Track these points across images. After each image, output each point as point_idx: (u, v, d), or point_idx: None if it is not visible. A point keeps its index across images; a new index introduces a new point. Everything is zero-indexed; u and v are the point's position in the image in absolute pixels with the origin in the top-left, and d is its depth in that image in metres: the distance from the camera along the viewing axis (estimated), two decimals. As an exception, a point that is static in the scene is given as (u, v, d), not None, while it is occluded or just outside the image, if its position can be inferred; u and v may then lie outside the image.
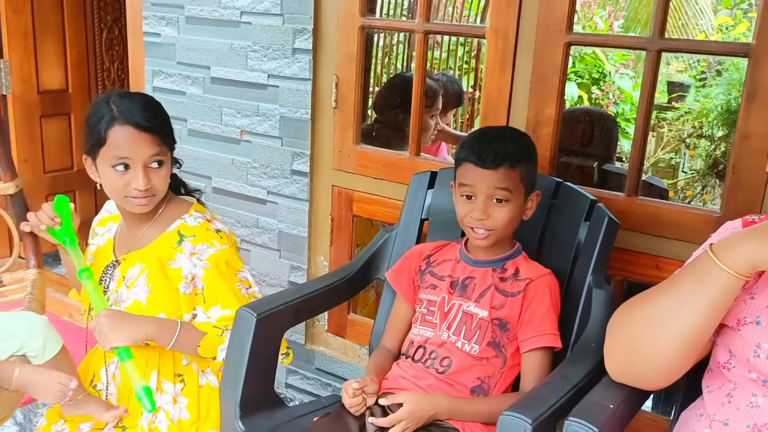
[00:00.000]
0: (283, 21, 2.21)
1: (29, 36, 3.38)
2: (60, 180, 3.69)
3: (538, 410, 1.16)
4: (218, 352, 1.51)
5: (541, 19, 1.80)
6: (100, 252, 1.67)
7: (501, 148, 1.46)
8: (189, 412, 1.59)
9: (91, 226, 1.74)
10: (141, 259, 1.56)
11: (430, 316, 1.56)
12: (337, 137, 2.23)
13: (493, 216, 1.47)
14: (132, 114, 1.46)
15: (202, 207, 1.65)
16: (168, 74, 2.53)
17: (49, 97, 3.55)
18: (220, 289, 1.52)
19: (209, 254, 1.52)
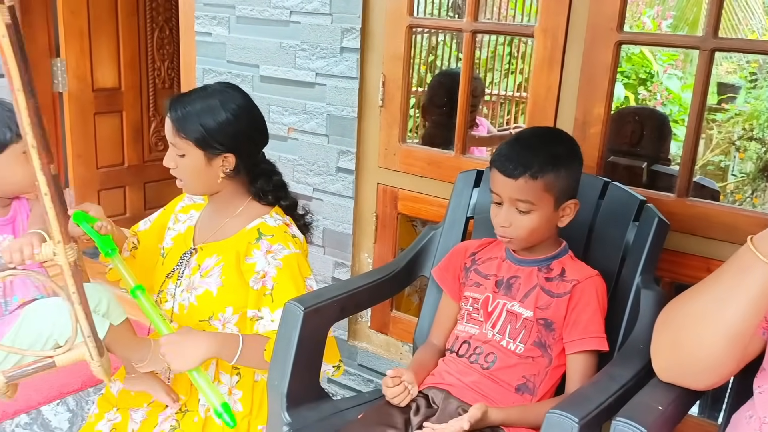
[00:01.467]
0: (331, 20, 2.24)
1: (85, 36, 3.49)
2: (111, 176, 3.80)
3: (585, 409, 1.16)
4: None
5: (592, 18, 1.79)
6: (179, 238, 1.73)
7: (525, 158, 1.43)
8: (242, 405, 1.63)
9: (174, 212, 1.80)
10: (218, 251, 1.61)
11: (475, 314, 1.57)
12: (383, 135, 2.25)
13: (514, 224, 1.46)
14: (170, 102, 1.58)
15: (282, 212, 1.68)
16: (218, 73, 2.58)
17: (102, 95, 3.66)
18: (288, 290, 1.56)
19: (284, 255, 1.57)
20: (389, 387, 1.49)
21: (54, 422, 2.43)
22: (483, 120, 3.17)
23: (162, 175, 3.81)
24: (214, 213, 1.68)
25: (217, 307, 1.59)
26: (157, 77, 3.90)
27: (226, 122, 1.55)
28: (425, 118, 2.86)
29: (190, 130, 1.54)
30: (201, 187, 1.63)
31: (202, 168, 1.57)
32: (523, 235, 1.47)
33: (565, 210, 1.49)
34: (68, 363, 1.31)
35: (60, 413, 2.47)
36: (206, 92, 1.59)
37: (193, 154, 1.56)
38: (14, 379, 1.30)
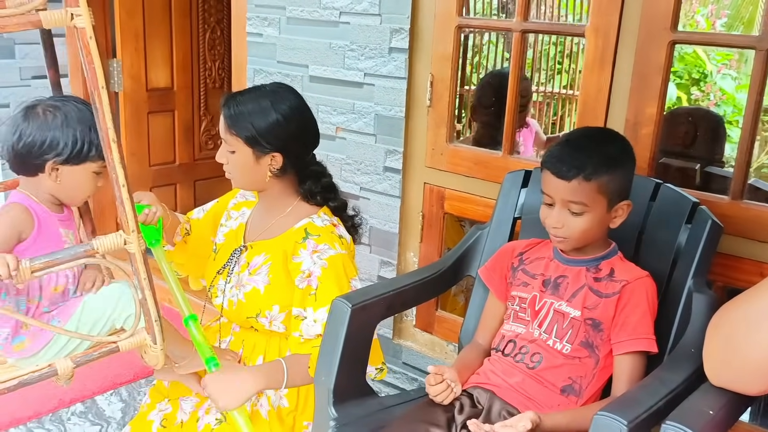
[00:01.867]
0: (380, 21, 2.26)
1: (140, 37, 3.58)
2: (163, 173, 3.90)
3: (634, 412, 1.15)
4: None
5: (645, 17, 1.77)
6: (231, 235, 1.77)
7: (578, 159, 1.42)
8: (288, 401, 1.65)
9: (227, 208, 1.84)
10: (267, 250, 1.65)
11: (522, 314, 1.57)
12: (431, 135, 2.26)
13: (567, 225, 1.45)
14: (224, 100, 1.62)
15: (330, 212, 1.71)
16: (268, 73, 2.63)
17: (156, 94, 3.75)
18: (332, 291, 1.58)
19: (329, 255, 1.59)
20: (432, 385, 1.50)
21: (108, 411, 2.51)
22: (532, 121, 3.16)
23: (212, 173, 3.89)
24: (265, 212, 1.72)
25: (264, 305, 1.63)
26: (208, 77, 3.98)
27: (276, 123, 1.58)
28: (473, 118, 2.87)
29: (240, 128, 1.58)
30: (249, 184, 1.67)
31: (251, 165, 1.60)
32: (575, 236, 1.46)
33: (617, 211, 1.47)
34: (130, 348, 1.37)
35: (113, 403, 2.55)
36: (260, 92, 1.62)
37: (242, 151, 1.59)
38: (81, 364, 1.35)
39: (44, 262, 1.19)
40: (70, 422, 2.43)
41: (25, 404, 2.45)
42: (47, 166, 1.47)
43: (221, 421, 1.63)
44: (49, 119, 1.46)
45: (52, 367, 1.32)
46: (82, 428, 2.41)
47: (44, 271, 1.20)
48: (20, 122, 1.47)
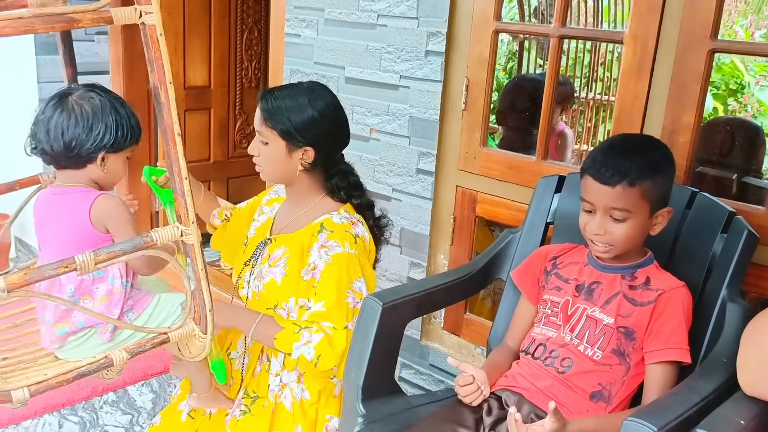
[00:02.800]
0: (418, 24, 2.28)
1: (180, 36, 3.66)
2: (197, 170, 3.95)
3: (663, 418, 1.15)
4: (293, 349, 1.56)
5: (685, 25, 1.76)
6: (260, 228, 1.82)
7: (622, 165, 1.41)
8: (310, 393, 1.68)
9: (260, 204, 1.90)
10: (287, 243, 1.69)
11: (553, 317, 1.57)
12: (464, 138, 2.27)
13: (610, 232, 1.44)
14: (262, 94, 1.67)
15: (353, 210, 1.73)
16: (305, 73, 2.66)
17: (193, 92, 3.82)
18: (329, 288, 1.59)
19: (336, 252, 1.60)
20: (461, 386, 1.51)
21: (139, 401, 2.56)
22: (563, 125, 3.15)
23: (245, 171, 3.95)
24: (291, 206, 1.76)
25: (281, 297, 1.65)
26: (244, 77, 4.04)
27: (311, 119, 1.63)
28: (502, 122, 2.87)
29: (277, 121, 1.62)
30: (278, 176, 1.70)
31: (283, 158, 1.65)
32: (618, 244, 1.45)
33: (658, 218, 1.47)
34: (180, 339, 1.42)
35: (144, 393, 2.60)
36: (297, 89, 1.67)
37: (276, 143, 1.64)
38: (135, 354, 1.39)
39: (107, 253, 1.20)
40: (102, 410, 2.49)
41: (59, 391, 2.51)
42: (99, 156, 1.50)
43: (245, 412, 1.67)
44: (95, 109, 1.48)
45: (108, 358, 1.35)
46: (114, 417, 2.47)
47: (107, 262, 1.22)
48: (59, 119, 1.46)
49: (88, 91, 1.50)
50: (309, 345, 1.55)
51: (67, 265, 1.17)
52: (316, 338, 1.56)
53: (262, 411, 1.66)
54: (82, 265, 1.18)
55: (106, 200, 1.51)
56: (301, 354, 1.55)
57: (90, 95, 1.49)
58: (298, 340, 1.56)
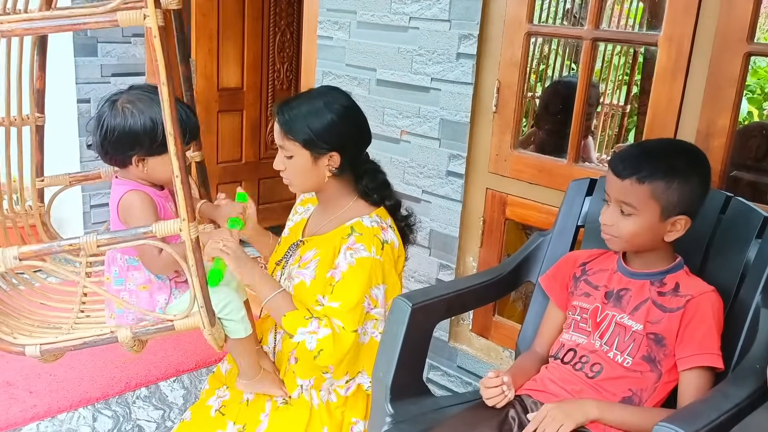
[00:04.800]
0: (449, 26, 2.29)
1: (214, 38, 3.71)
2: (229, 171, 4.01)
3: (694, 424, 1.14)
4: (297, 333, 1.56)
5: (720, 27, 1.74)
6: (294, 228, 1.84)
7: (636, 161, 1.43)
8: (336, 396, 1.68)
9: (294, 205, 1.92)
10: (318, 245, 1.69)
11: (583, 324, 1.56)
12: (495, 141, 2.27)
13: (617, 225, 1.47)
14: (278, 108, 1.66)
15: (386, 214, 1.72)
16: (337, 75, 2.68)
17: (226, 94, 3.87)
18: (348, 291, 1.59)
19: (361, 256, 1.60)
20: (487, 387, 1.51)
21: (170, 397, 2.60)
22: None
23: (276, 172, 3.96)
24: (323, 210, 1.76)
25: (310, 299, 1.65)
26: (276, 78, 4.08)
27: (331, 123, 1.61)
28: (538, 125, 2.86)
29: (297, 131, 1.61)
30: (308, 186, 1.70)
31: (309, 167, 1.64)
32: (623, 237, 1.47)
33: (674, 224, 1.45)
34: (185, 328, 1.45)
35: (175, 389, 2.64)
36: (311, 95, 1.67)
37: (300, 155, 1.63)
38: (139, 336, 1.47)
39: (108, 238, 1.32)
40: (135, 405, 2.54)
41: (94, 386, 2.57)
42: (134, 159, 1.56)
43: (286, 401, 1.68)
44: (128, 114, 1.53)
45: (114, 333, 1.45)
46: (146, 411, 2.51)
47: (109, 246, 1.34)
48: (106, 117, 1.55)
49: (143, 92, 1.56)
50: (313, 336, 1.54)
51: (71, 244, 1.31)
52: (322, 332, 1.55)
53: (302, 404, 1.67)
54: (85, 246, 1.29)
55: (133, 195, 1.58)
56: (303, 341, 1.55)
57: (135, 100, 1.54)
58: (305, 326, 1.56)
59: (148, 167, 1.58)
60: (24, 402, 2.47)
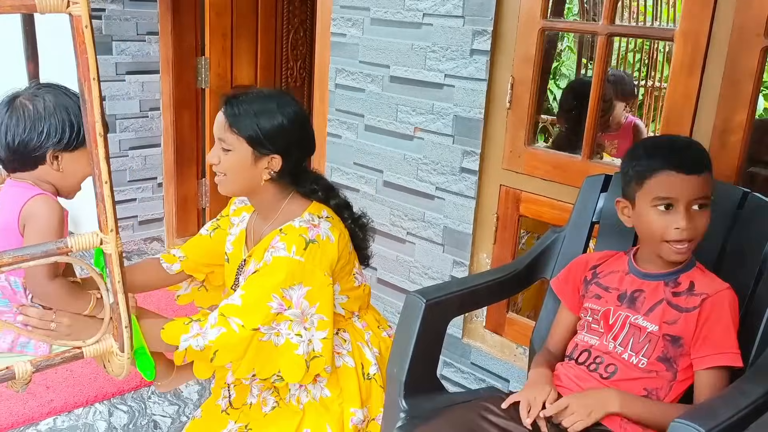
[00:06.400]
0: (463, 22, 2.28)
1: (227, 36, 3.72)
2: (243, 168, 4.02)
3: (712, 421, 1.14)
4: (181, 341, 1.49)
5: (737, 22, 1.73)
6: (236, 243, 1.79)
7: (698, 154, 1.45)
8: (330, 390, 1.67)
9: (228, 217, 1.85)
10: (256, 257, 1.64)
11: (595, 325, 1.55)
12: (509, 137, 2.26)
13: (694, 224, 1.41)
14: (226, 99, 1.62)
15: (320, 208, 1.67)
16: (350, 72, 2.69)
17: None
18: (253, 288, 1.54)
19: (278, 255, 1.55)
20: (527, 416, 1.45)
21: (185, 393, 2.62)
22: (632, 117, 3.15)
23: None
24: (260, 220, 1.72)
25: None
26: (290, 76, 4.09)
27: (280, 126, 1.58)
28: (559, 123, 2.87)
29: (244, 127, 1.57)
30: (241, 185, 1.63)
31: (247, 166, 1.59)
32: (698, 236, 1.43)
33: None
34: (95, 354, 1.29)
35: (190, 385, 2.66)
36: (264, 95, 1.63)
37: (240, 151, 1.58)
38: (42, 369, 1.26)
39: (13, 257, 1.06)
40: (150, 401, 2.56)
41: (110, 381, 2.59)
42: (48, 155, 1.41)
43: (274, 407, 1.69)
44: (39, 108, 1.40)
45: (10, 369, 1.20)
46: (161, 407, 2.53)
47: (11, 266, 1.08)
48: (5, 119, 1.41)
49: (39, 90, 1.43)
50: (199, 338, 1.49)
51: None
52: (212, 333, 1.49)
53: (291, 405, 1.68)
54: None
55: (41, 200, 1.40)
56: (189, 346, 1.48)
57: (39, 94, 1.42)
58: (187, 332, 1.50)
59: (63, 164, 1.43)
60: (41, 397, 2.49)
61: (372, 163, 2.68)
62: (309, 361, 1.56)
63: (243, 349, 1.50)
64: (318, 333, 1.57)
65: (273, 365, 1.55)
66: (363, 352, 1.73)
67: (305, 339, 1.56)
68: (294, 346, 1.54)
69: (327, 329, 1.58)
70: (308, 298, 1.55)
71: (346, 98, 2.72)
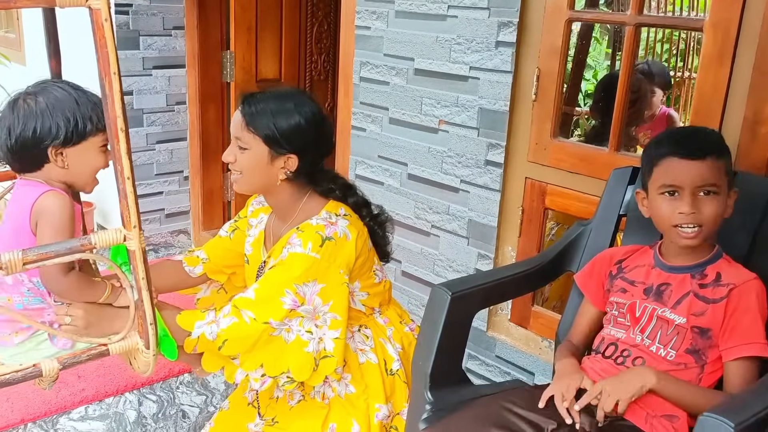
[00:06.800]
0: (488, 14, 2.27)
1: (252, 30, 3.74)
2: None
3: (742, 415, 1.12)
4: (195, 327, 1.49)
5: (769, 11, 1.70)
6: (255, 243, 1.79)
7: (704, 139, 1.43)
8: (354, 387, 1.67)
9: (246, 219, 1.85)
10: (274, 255, 1.64)
11: (621, 318, 1.54)
12: (535, 130, 2.25)
13: (701, 210, 1.40)
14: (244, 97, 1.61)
15: (338, 206, 1.66)
16: (374, 65, 2.69)
17: (264, 85, 3.89)
18: (268, 282, 1.54)
19: (295, 251, 1.55)
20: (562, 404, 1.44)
21: (212, 383, 2.66)
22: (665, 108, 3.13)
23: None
24: (278, 221, 1.72)
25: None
26: (314, 69, 4.10)
27: (297, 126, 1.58)
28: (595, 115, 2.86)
29: (261, 126, 1.56)
30: (256, 184, 1.63)
31: (263, 165, 1.59)
32: (710, 221, 1.41)
33: (730, 199, 1.44)
34: (121, 351, 1.30)
35: (217, 375, 2.69)
36: (281, 94, 1.62)
37: (257, 150, 1.58)
38: (68, 366, 1.25)
39: (37, 254, 1.07)
40: (178, 390, 2.60)
41: (138, 371, 2.64)
42: (50, 153, 1.39)
43: (300, 401, 1.70)
44: (33, 106, 1.38)
45: (37, 367, 1.21)
46: (189, 397, 2.57)
47: (37, 263, 1.08)
48: (7, 119, 1.39)
49: (36, 88, 1.42)
50: (213, 325, 1.49)
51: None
52: (224, 322, 1.49)
53: (317, 401, 1.68)
54: (8, 265, 1.04)
55: (52, 197, 1.38)
56: (202, 333, 1.48)
57: (43, 89, 1.41)
58: (203, 318, 1.50)
59: (68, 160, 1.41)
60: (73, 386, 2.54)
61: (396, 156, 2.68)
62: (319, 360, 1.55)
63: (252, 342, 1.50)
64: (330, 332, 1.56)
65: (282, 362, 1.53)
66: (385, 348, 1.73)
67: (316, 337, 1.55)
68: (304, 344, 1.53)
69: (340, 329, 1.57)
70: (321, 296, 1.55)
71: (370, 91, 2.73)
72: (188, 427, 2.44)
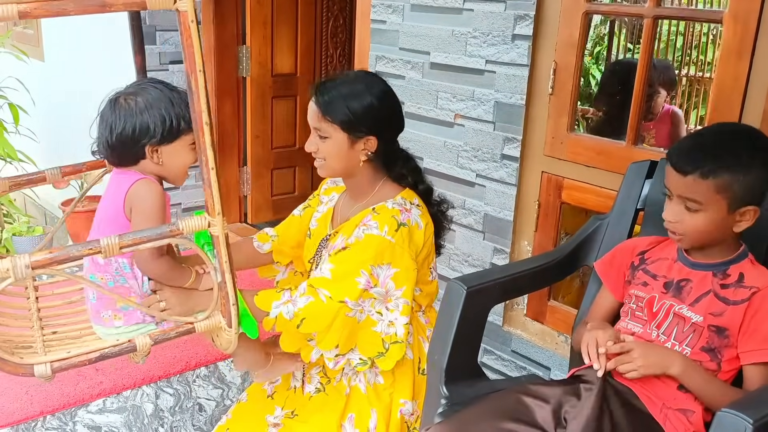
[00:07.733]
0: (505, 7, 2.26)
1: (268, 25, 3.75)
2: (283, 156, 4.07)
3: (760, 411, 1.11)
4: (272, 308, 1.53)
5: (791, 2, 1.67)
6: (322, 219, 1.82)
7: (698, 156, 1.36)
8: (384, 378, 1.68)
9: (318, 197, 1.89)
10: (344, 232, 1.66)
11: (639, 312, 1.53)
12: (551, 123, 2.24)
13: (683, 222, 1.40)
14: (316, 87, 1.63)
15: (413, 195, 1.69)
16: (390, 59, 2.68)
17: (280, 80, 3.92)
18: (344, 261, 1.56)
19: (371, 233, 1.57)
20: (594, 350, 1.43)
21: (228, 377, 2.67)
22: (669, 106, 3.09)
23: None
24: (351, 199, 1.74)
25: None
26: (329, 64, 4.10)
27: (371, 106, 1.60)
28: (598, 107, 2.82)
29: (336, 112, 1.58)
30: (342, 170, 1.66)
31: (345, 150, 1.61)
32: (690, 234, 1.41)
33: (743, 215, 1.38)
34: (205, 329, 1.39)
35: (233, 369, 2.71)
36: (350, 77, 1.65)
37: (336, 137, 1.60)
38: (159, 342, 1.37)
39: (132, 239, 1.18)
40: (195, 384, 2.62)
41: (156, 364, 2.66)
42: (147, 150, 1.49)
43: (320, 390, 1.71)
44: (133, 106, 1.48)
45: (132, 342, 1.34)
46: (206, 390, 2.59)
47: (131, 248, 1.19)
48: (108, 116, 1.49)
49: (137, 87, 1.51)
50: (289, 305, 1.52)
51: (92, 247, 1.16)
52: (301, 301, 1.52)
53: (336, 390, 1.69)
54: (107, 249, 1.15)
55: (145, 185, 1.49)
56: (279, 313, 1.52)
57: (142, 88, 1.50)
58: (279, 299, 1.54)
59: (163, 157, 1.51)
60: (91, 379, 2.57)
61: (412, 149, 2.64)
62: (390, 344, 1.59)
63: (329, 321, 1.52)
64: (401, 318, 1.60)
65: (352, 340, 1.58)
66: (422, 347, 1.73)
67: (386, 319, 1.59)
68: (373, 323, 1.58)
69: (408, 315, 1.61)
70: (395, 280, 1.58)
71: (386, 85, 2.72)
72: (204, 420, 2.46)
